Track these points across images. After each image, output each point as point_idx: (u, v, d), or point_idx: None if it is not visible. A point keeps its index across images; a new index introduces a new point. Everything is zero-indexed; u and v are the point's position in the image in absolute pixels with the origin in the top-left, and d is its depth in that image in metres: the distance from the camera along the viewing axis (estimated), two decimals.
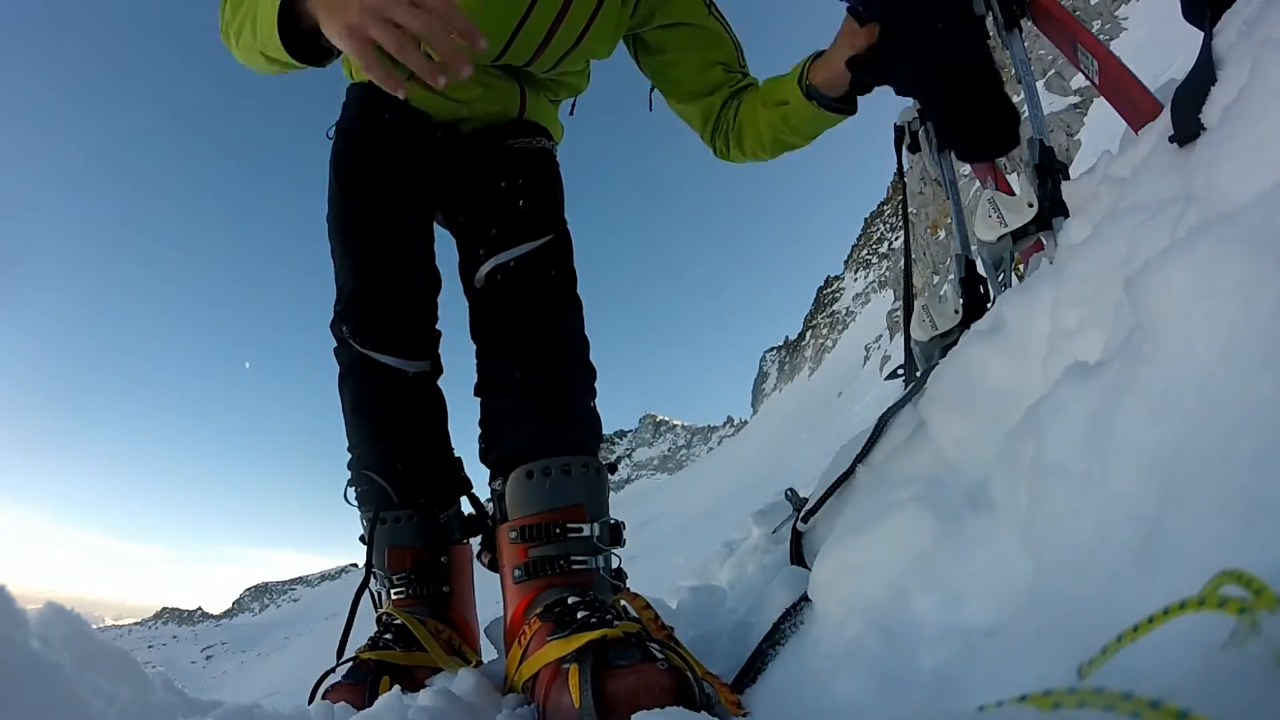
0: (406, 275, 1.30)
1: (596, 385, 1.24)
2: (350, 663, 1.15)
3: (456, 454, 1.43)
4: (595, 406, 1.23)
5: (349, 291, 1.30)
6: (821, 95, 1.33)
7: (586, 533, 1.08)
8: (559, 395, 1.17)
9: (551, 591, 1.03)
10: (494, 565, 1.20)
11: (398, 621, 1.21)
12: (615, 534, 1.13)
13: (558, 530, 1.07)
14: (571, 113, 1.59)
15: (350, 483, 1.35)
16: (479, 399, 1.24)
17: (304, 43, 0.95)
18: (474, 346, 1.27)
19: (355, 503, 1.35)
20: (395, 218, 1.28)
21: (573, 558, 1.06)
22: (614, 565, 1.13)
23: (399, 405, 1.32)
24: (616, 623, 0.90)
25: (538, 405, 1.15)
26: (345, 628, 1.27)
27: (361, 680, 1.10)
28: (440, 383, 1.41)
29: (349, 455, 1.36)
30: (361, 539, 1.35)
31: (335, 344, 1.35)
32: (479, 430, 1.24)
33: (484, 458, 1.21)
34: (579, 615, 0.93)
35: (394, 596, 1.28)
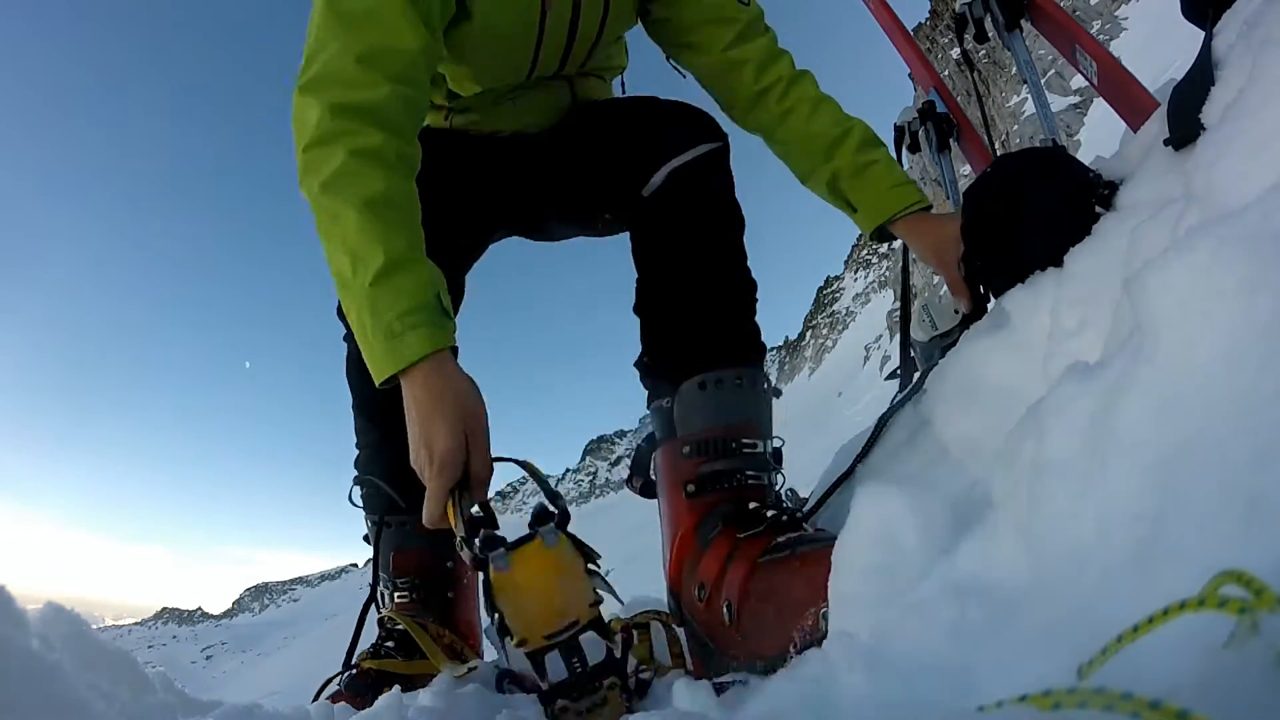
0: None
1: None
2: (352, 671, 1.16)
3: None
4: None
5: None
6: (889, 236, 1.25)
7: (760, 449, 1.05)
8: (739, 308, 1.15)
9: (724, 506, 1.01)
10: (645, 490, 1.17)
11: (399, 627, 1.21)
12: (778, 457, 1.10)
13: (733, 445, 1.03)
14: (624, 91, 1.52)
15: (356, 482, 1.33)
16: (643, 313, 1.19)
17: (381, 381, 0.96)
18: (636, 260, 1.20)
19: (360, 504, 1.34)
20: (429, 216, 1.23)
21: (748, 473, 1.03)
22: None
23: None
24: (813, 522, 0.93)
25: (718, 314, 1.12)
26: (354, 635, 1.26)
27: (362, 692, 1.10)
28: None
29: (356, 454, 1.35)
30: (366, 539, 1.34)
31: (345, 330, 1.25)
32: (642, 342, 1.18)
33: (649, 371, 1.16)
34: (768, 514, 0.96)
35: (397, 600, 1.27)
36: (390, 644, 1.20)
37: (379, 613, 1.30)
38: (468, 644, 1.29)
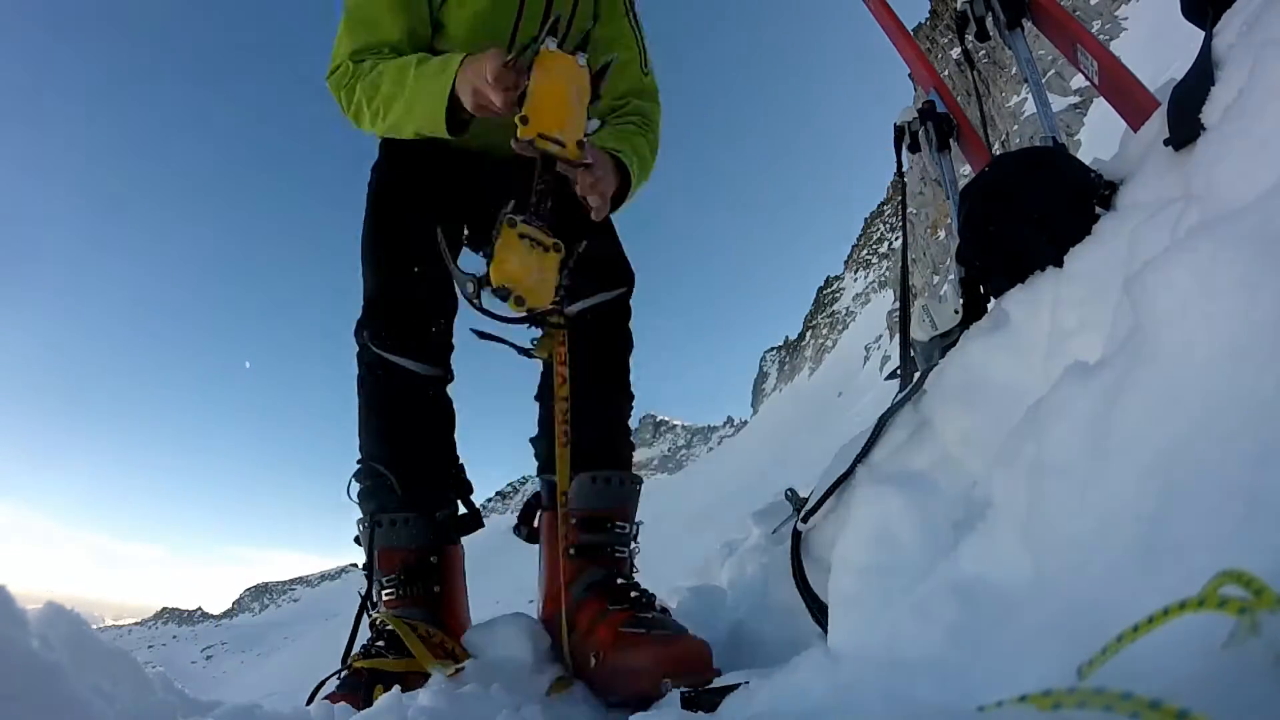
0: (424, 288, 1.38)
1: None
2: (344, 671, 1.19)
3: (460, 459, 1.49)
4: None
5: (371, 300, 1.40)
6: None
7: (626, 530, 1.37)
8: (619, 422, 1.48)
9: (596, 570, 1.31)
10: (530, 538, 1.46)
11: (389, 628, 1.24)
12: (636, 534, 1.42)
13: (608, 524, 1.35)
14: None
15: (355, 476, 1.39)
16: (542, 402, 1.49)
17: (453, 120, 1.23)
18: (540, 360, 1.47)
19: (355, 499, 1.39)
20: (418, 238, 1.35)
21: (616, 546, 1.35)
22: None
23: (410, 406, 1.39)
24: (658, 602, 1.26)
25: (606, 428, 1.43)
26: (350, 637, 1.31)
27: (355, 690, 1.14)
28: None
29: (360, 453, 1.41)
30: (356, 540, 1.39)
31: (357, 348, 1.43)
32: (540, 427, 1.49)
33: (548, 451, 1.41)
34: (631, 594, 1.27)
35: (385, 597, 1.31)
36: (381, 643, 1.24)
37: (369, 612, 1.34)
38: (458, 642, 1.30)
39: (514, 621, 1.38)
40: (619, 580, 1.30)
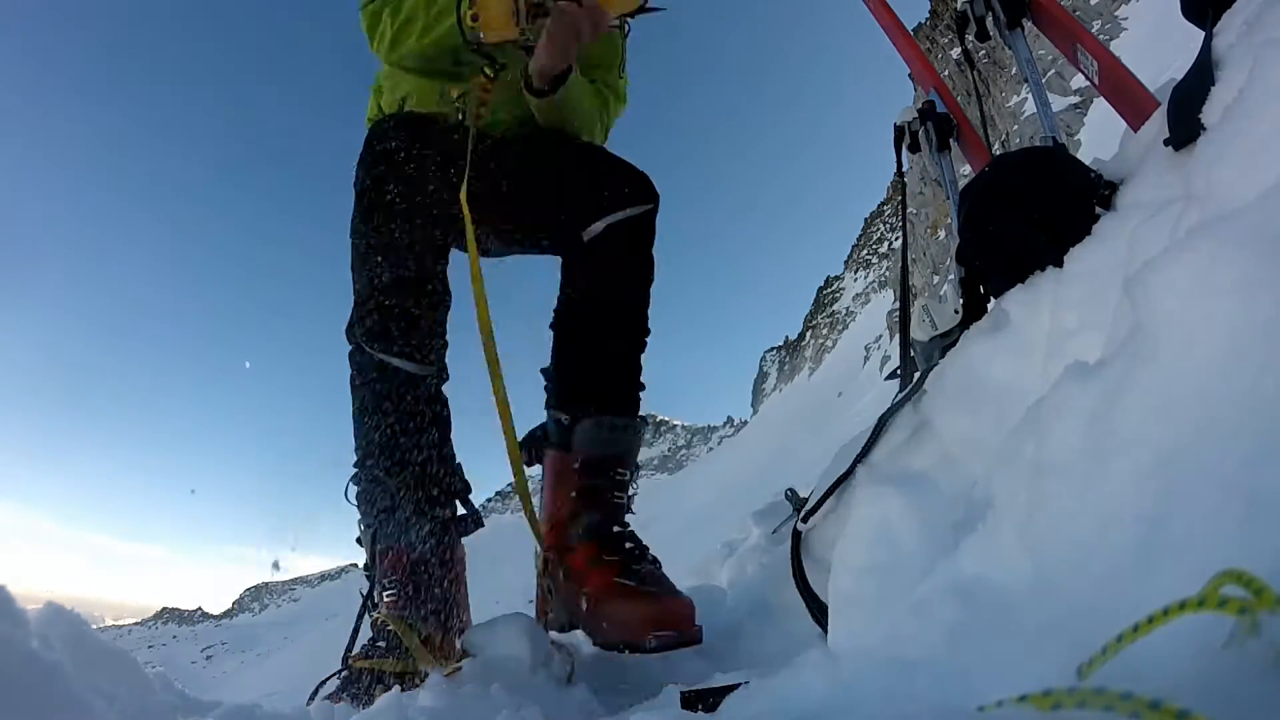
0: (416, 285, 1.37)
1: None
2: (344, 671, 1.19)
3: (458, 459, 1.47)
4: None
5: (362, 299, 1.38)
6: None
7: (626, 476, 1.43)
8: (634, 364, 1.48)
9: (593, 514, 1.36)
10: (529, 461, 1.48)
11: (390, 628, 1.24)
12: (634, 476, 1.47)
13: (609, 471, 1.40)
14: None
15: (353, 479, 1.38)
16: (560, 337, 1.49)
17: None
18: (564, 285, 1.50)
19: (354, 501, 1.38)
20: (407, 233, 1.36)
21: (614, 492, 1.40)
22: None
23: (405, 406, 1.37)
24: (650, 554, 1.33)
25: (619, 369, 1.46)
26: (351, 638, 1.31)
27: (355, 690, 1.14)
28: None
29: (355, 453, 1.39)
30: (358, 541, 1.38)
31: (350, 348, 1.42)
32: (553, 360, 1.49)
33: (558, 394, 1.47)
34: (626, 545, 1.33)
35: (386, 598, 1.30)
36: (381, 644, 1.23)
37: (370, 612, 1.33)
38: (458, 642, 1.30)
39: (514, 621, 1.38)
40: (615, 528, 1.36)
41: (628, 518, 1.43)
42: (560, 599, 1.38)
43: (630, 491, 1.45)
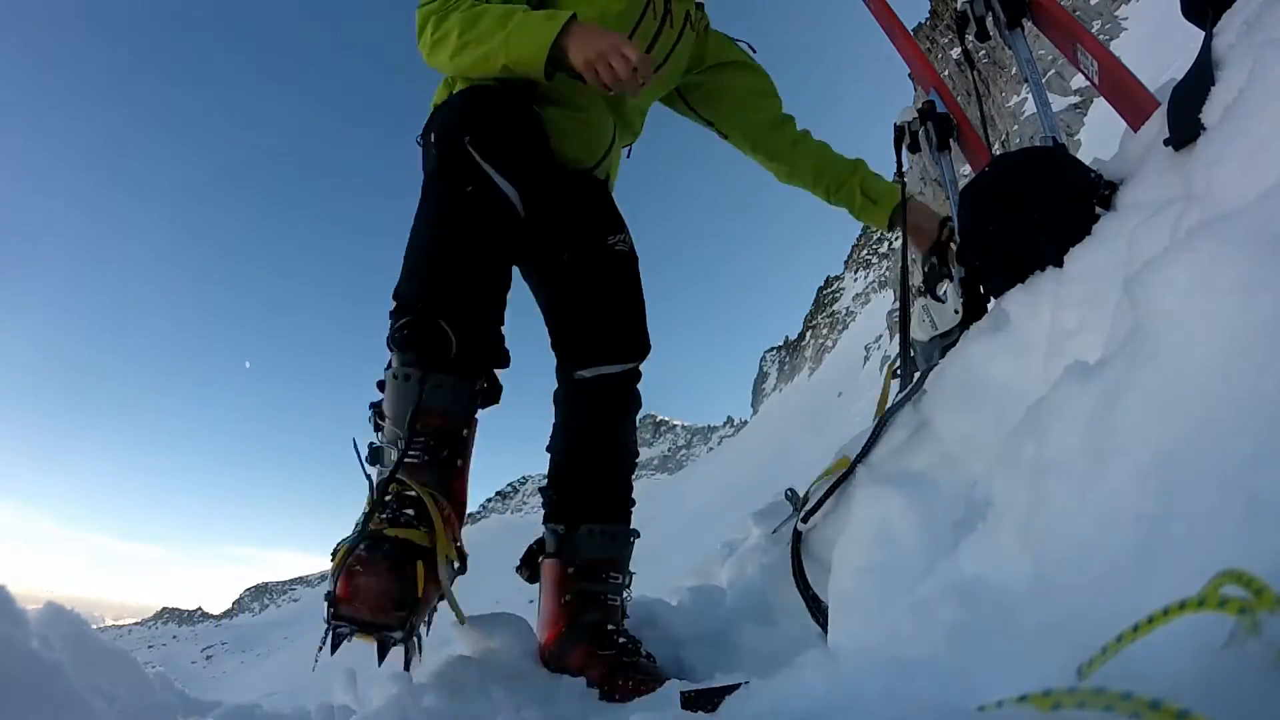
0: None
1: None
2: (370, 538, 1.06)
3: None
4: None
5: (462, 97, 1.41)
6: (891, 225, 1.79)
7: (620, 581, 1.49)
8: (624, 481, 1.60)
9: (590, 616, 1.42)
10: (530, 578, 1.54)
11: (412, 493, 1.15)
12: (628, 584, 1.54)
13: (602, 575, 1.46)
14: (628, 156, 1.83)
15: (403, 323, 1.25)
16: (554, 456, 1.60)
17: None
18: (558, 407, 1.62)
19: (395, 346, 1.27)
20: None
21: (609, 595, 1.46)
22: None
23: (493, 245, 1.33)
24: (641, 647, 1.39)
25: (609, 485, 1.57)
26: (370, 495, 1.17)
27: (380, 560, 1.03)
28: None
29: (403, 292, 1.28)
30: (380, 385, 1.26)
31: (436, 147, 1.37)
32: (549, 481, 1.60)
33: (555, 507, 1.56)
34: (619, 640, 1.39)
35: (408, 459, 1.19)
36: (410, 511, 1.13)
37: (368, 465, 1.23)
38: (459, 519, 1.23)
39: (514, 623, 1.39)
40: (609, 627, 1.42)
41: (626, 623, 1.49)
42: None
43: (625, 596, 1.51)
